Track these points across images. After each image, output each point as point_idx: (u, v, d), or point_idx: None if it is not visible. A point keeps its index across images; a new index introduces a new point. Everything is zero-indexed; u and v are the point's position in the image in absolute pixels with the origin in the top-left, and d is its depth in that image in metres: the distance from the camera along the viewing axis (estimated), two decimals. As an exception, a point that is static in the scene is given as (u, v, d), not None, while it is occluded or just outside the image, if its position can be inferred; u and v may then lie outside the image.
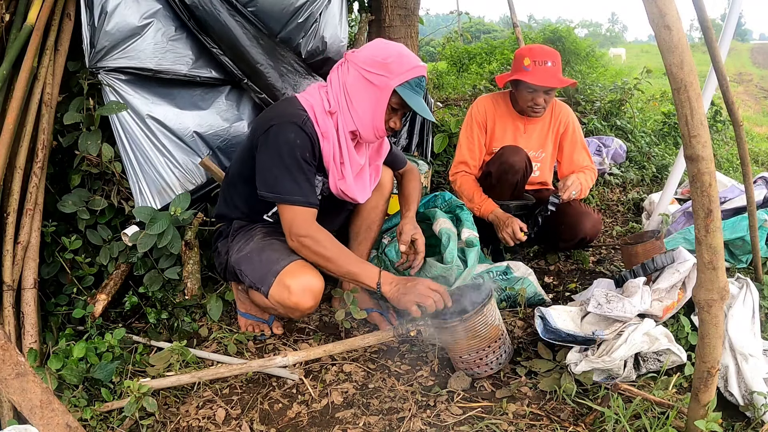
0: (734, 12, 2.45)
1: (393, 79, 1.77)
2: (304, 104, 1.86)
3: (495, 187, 2.57)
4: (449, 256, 2.12)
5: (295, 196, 1.81)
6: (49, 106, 2.06)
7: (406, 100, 1.78)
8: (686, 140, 1.13)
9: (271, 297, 1.82)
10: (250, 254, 1.92)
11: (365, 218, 2.18)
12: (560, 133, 2.73)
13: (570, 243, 2.58)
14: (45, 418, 1.20)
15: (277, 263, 1.83)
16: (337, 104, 1.86)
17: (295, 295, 1.78)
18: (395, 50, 1.82)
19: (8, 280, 1.84)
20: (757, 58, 24.16)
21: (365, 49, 1.84)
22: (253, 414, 1.73)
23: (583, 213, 2.52)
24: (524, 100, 2.56)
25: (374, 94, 1.80)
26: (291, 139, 1.79)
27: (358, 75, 1.81)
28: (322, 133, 1.85)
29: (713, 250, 1.19)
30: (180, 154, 2.30)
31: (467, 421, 1.65)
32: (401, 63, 1.78)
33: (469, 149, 2.69)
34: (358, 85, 1.82)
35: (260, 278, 1.84)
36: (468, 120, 2.71)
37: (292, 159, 1.80)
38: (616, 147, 4.08)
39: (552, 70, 2.45)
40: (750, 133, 5.97)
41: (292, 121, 1.81)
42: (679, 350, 1.74)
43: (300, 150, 1.80)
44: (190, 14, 2.24)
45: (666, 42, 1.07)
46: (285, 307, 1.82)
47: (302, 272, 1.81)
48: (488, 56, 8.00)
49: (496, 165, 2.53)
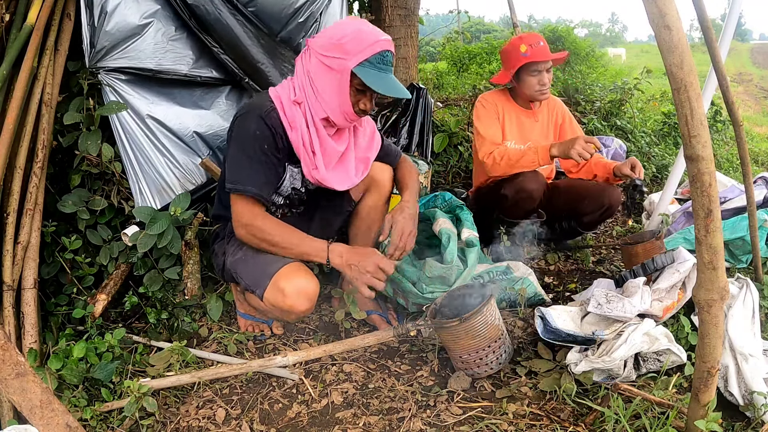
0: (734, 12, 2.45)
1: (350, 60, 1.69)
2: (273, 96, 1.84)
3: (508, 209, 2.56)
4: (449, 256, 2.12)
5: (247, 186, 1.79)
6: (49, 106, 2.06)
7: (365, 81, 1.69)
8: (686, 140, 1.12)
9: (265, 300, 1.82)
10: (245, 257, 1.91)
11: (365, 219, 2.16)
12: (558, 124, 2.80)
13: (596, 214, 2.59)
14: (45, 418, 1.20)
15: (271, 266, 1.83)
16: (303, 93, 1.81)
17: (290, 298, 1.77)
18: (352, 28, 1.72)
19: (8, 280, 1.84)
20: (757, 58, 24.17)
21: (324, 32, 1.78)
22: (253, 414, 1.73)
23: (603, 185, 2.59)
24: (530, 85, 2.58)
25: (335, 78, 1.73)
26: (251, 130, 1.77)
27: (318, 61, 1.75)
28: (289, 123, 1.82)
29: (713, 250, 1.19)
30: (180, 154, 2.30)
31: (467, 421, 1.65)
32: (358, 41, 1.69)
33: (494, 133, 2.64)
34: (319, 71, 1.76)
35: (255, 281, 1.84)
36: (482, 111, 2.67)
37: (250, 149, 1.78)
38: (616, 147, 4.07)
39: (546, 48, 2.56)
40: (750, 133, 5.97)
41: (254, 112, 1.79)
42: (679, 350, 1.74)
43: (259, 141, 1.78)
44: (191, 13, 2.24)
45: (666, 42, 1.07)
46: (280, 309, 1.82)
47: (296, 275, 1.80)
48: (488, 56, 8.00)
49: (513, 189, 2.49)
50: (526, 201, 2.49)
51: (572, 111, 4.61)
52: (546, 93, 2.62)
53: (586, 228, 2.72)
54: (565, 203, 2.64)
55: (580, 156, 2.28)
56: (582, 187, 2.63)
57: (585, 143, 2.29)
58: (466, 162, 3.75)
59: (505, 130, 2.69)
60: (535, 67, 2.54)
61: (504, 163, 2.48)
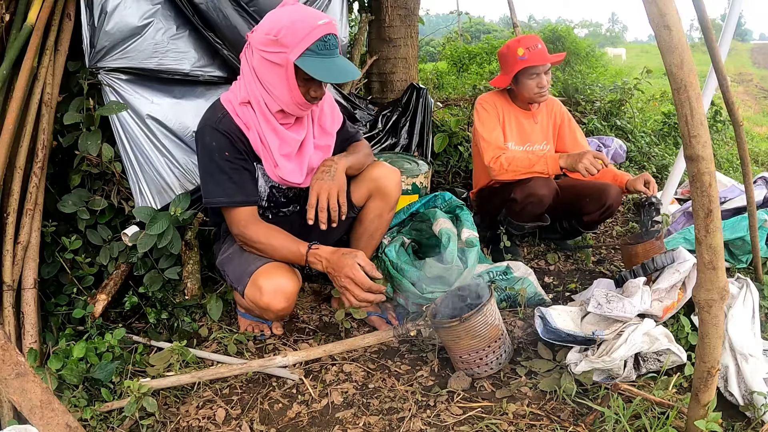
0: (734, 12, 2.46)
1: (290, 53, 1.65)
2: (224, 102, 1.85)
3: (517, 213, 2.56)
4: (449, 257, 2.12)
5: (217, 198, 1.82)
6: (49, 106, 2.06)
7: (309, 72, 1.65)
8: (686, 140, 1.12)
9: (246, 297, 1.84)
10: (232, 255, 1.95)
11: (367, 227, 2.12)
12: (557, 125, 2.80)
13: (596, 213, 2.60)
14: (45, 418, 1.20)
15: (252, 264, 1.85)
16: (252, 90, 1.80)
17: (267, 296, 1.78)
18: (286, 20, 1.67)
19: (8, 280, 1.84)
20: (757, 58, 24.15)
21: (261, 26, 1.73)
22: (253, 414, 1.73)
23: (604, 184, 2.58)
24: (529, 88, 2.58)
25: (280, 72, 1.71)
26: (207, 143, 1.81)
27: (260, 57, 1.73)
28: (245, 123, 1.83)
29: (713, 250, 1.19)
30: (180, 154, 2.30)
31: (467, 421, 1.65)
32: (294, 33, 1.64)
33: (497, 136, 2.63)
34: (263, 67, 1.74)
35: (237, 278, 1.87)
36: (483, 114, 2.66)
37: (210, 162, 1.81)
38: (616, 147, 4.08)
39: (544, 50, 2.55)
40: (750, 133, 5.97)
41: (207, 126, 1.82)
42: (679, 350, 1.74)
43: (217, 152, 1.80)
44: (194, 10, 2.24)
45: (666, 42, 1.07)
46: (258, 307, 1.83)
47: (275, 273, 1.81)
48: (488, 56, 7.99)
49: (523, 193, 2.47)
50: (535, 206, 2.49)
51: (572, 111, 4.61)
52: (545, 95, 2.62)
53: (586, 227, 2.71)
54: (565, 203, 2.63)
55: (587, 171, 2.32)
56: (582, 186, 2.63)
57: (593, 158, 2.33)
58: (466, 162, 3.75)
59: (505, 132, 2.69)
60: (533, 70, 2.54)
61: (512, 169, 2.49)
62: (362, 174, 2.07)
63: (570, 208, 2.67)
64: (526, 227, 2.63)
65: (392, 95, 3.80)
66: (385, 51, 3.74)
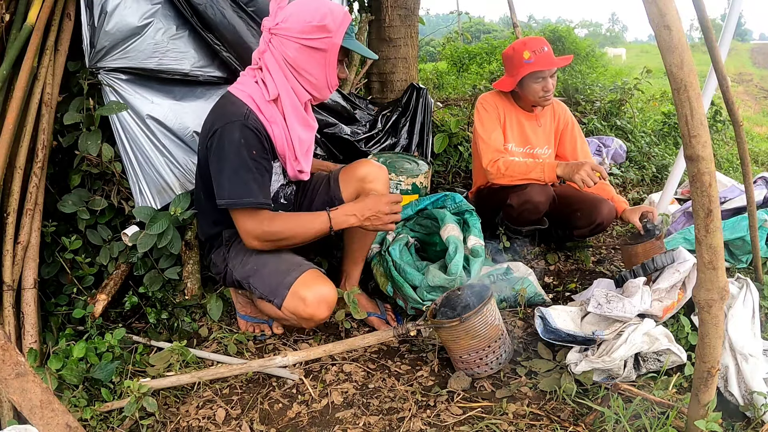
0: (734, 12, 2.46)
1: (336, 37, 1.77)
2: (242, 97, 1.82)
3: (514, 218, 2.55)
4: (454, 268, 2.09)
5: (245, 199, 1.76)
6: (49, 106, 2.06)
7: (355, 51, 1.84)
8: (686, 140, 1.13)
9: (284, 309, 1.80)
10: (257, 266, 1.88)
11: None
12: (560, 129, 2.77)
13: (586, 229, 2.58)
14: (45, 418, 1.20)
15: (288, 274, 1.81)
16: (281, 85, 1.81)
17: (311, 307, 1.77)
18: (324, 8, 1.77)
19: (8, 280, 1.84)
20: (757, 58, 24.14)
21: (292, 18, 1.76)
22: (253, 414, 1.73)
23: (598, 199, 2.55)
24: (534, 92, 2.55)
25: (323, 57, 1.79)
26: (236, 140, 1.75)
27: (299, 46, 1.76)
28: (268, 119, 1.83)
29: (713, 250, 1.19)
30: (180, 154, 2.30)
31: (467, 421, 1.65)
32: (335, 18, 1.77)
33: (497, 138, 2.62)
34: (302, 55, 1.78)
35: (271, 291, 1.82)
36: (483, 114, 2.64)
37: (240, 160, 1.75)
38: (616, 147, 4.08)
39: (550, 53, 2.51)
40: (750, 133, 5.97)
41: (234, 120, 1.76)
42: (679, 350, 1.74)
43: (246, 148, 1.76)
44: (194, 11, 2.24)
45: (666, 42, 1.07)
46: (299, 317, 1.80)
47: (316, 282, 1.80)
48: (488, 56, 7.99)
49: (519, 200, 2.46)
50: (531, 212, 2.48)
51: (572, 111, 4.59)
52: (549, 99, 2.59)
53: (577, 238, 2.72)
54: (558, 212, 2.60)
55: (584, 182, 2.31)
56: (575, 198, 2.58)
57: (591, 170, 2.32)
58: (466, 162, 3.75)
59: (506, 133, 2.67)
60: (539, 74, 2.49)
61: (509, 174, 2.49)
62: (350, 174, 2.10)
63: (561, 219, 2.64)
64: (524, 231, 2.62)
65: (392, 95, 3.80)
66: (385, 51, 3.74)
